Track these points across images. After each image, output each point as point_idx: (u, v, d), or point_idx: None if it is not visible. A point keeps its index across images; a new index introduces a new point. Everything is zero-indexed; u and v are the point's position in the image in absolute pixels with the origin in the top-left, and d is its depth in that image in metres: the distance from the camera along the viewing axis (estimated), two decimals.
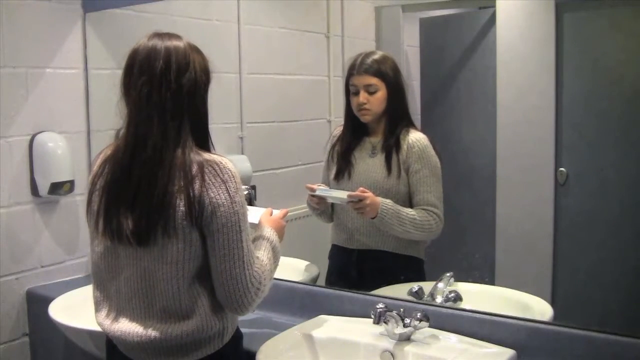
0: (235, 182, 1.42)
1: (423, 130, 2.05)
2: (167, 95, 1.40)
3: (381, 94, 1.99)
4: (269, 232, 1.58)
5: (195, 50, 1.47)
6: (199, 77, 1.44)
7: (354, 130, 2.07)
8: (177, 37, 1.47)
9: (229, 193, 1.40)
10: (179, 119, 1.42)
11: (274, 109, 2.65)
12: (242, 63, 2.56)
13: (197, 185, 1.38)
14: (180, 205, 1.38)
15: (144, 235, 1.40)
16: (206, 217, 1.39)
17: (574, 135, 1.86)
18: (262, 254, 1.50)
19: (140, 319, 1.46)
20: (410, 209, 1.98)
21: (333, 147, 2.14)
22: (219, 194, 1.39)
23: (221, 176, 1.40)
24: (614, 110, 1.82)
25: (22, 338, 2.46)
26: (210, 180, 1.39)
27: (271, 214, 1.67)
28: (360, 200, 1.92)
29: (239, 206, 1.41)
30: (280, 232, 1.63)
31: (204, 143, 1.47)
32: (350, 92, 2.04)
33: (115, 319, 1.49)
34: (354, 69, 2.02)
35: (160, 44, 1.43)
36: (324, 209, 2.12)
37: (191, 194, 1.38)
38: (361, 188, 1.94)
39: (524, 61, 1.91)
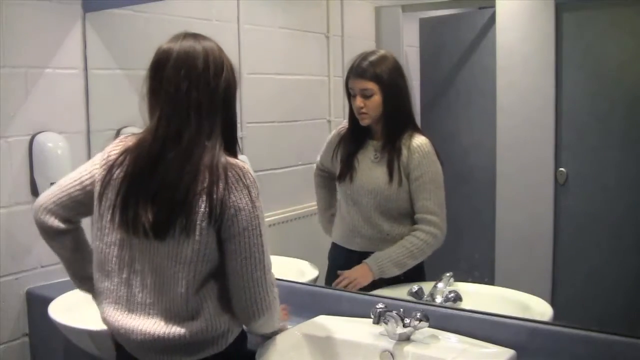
0: (256, 187, 1.44)
1: (423, 131, 2.05)
2: (205, 93, 1.42)
3: (377, 97, 1.97)
4: None
5: (223, 52, 1.49)
6: (231, 78, 1.47)
7: (357, 132, 2.06)
8: (208, 38, 1.48)
9: (251, 198, 1.42)
10: (213, 118, 1.43)
11: (274, 109, 2.65)
12: (242, 63, 2.56)
13: (220, 188, 1.39)
14: (202, 206, 1.39)
15: (163, 228, 1.40)
16: (227, 220, 1.40)
17: (574, 135, 1.86)
18: None
19: (145, 316, 1.46)
20: (401, 244, 1.97)
21: (339, 143, 2.13)
22: (241, 198, 1.40)
23: (244, 181, 1.42)
24: (614, 110, 1.82)
25: (22, 338, 2.46)
26: (233, 184, 1.40)
27: None
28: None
29: (259, 211, 1.44)
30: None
31: (232, 146, 1.49)
32: (350, 94, 2.03)
33: (120, 313, 1.48)
34: (351, 72, 2.01)
35: (197, 45, 1.44)
36: None
37: (214, 195, 1.39)
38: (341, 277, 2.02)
39: (524, 61, 1.91)
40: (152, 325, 1.44)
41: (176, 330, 1.43)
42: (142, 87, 1.47)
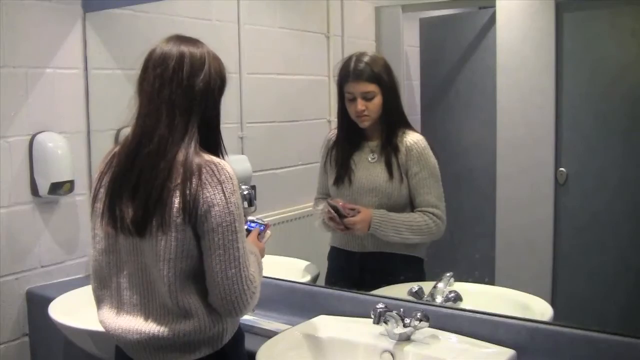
0: (232, 183, 1.42)
1: (423, 131, 2.05)
2: (177, 91, 1.42)
3: (378, 99, 1.97)
4: (253, 248, 1.58)
5: (214, 57, 1.49)
6: (212, 80, 1.46)
7: (351, 135, 2.06)
8: (196, 42, 1.49)
9: (225, 194, 1.40)
10: (187, 117, 1.43)
11: (274, 109, 2.65)
12: (242, 63, 2.56)
13: (193, 184, 1.39)
14: (175, 203, 1.39)
15: (142, 225, 1.41)
16: (200, 216, 1.39)
17: (574, 135, 1.86)
18: (251, 265, 1.50)
19: (140, 316, 1.46)
20: (406, 214, 1.98)
21: (330, 151, 2.12)
22: (214, 194, 1.39)
23: (218, 177, 1.41)
24: (614, 110, 1.82)
25: (22, 338, 2.46)
26: (207, 179, 1.40)
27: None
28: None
29: (234, 207, 1.41)
30: (261, 252, 1.65)
31: (215, 149, 1.49)
32: (345, 98, 2.01)
33: (117, 315, 1.50)
34: (349, 76, 1.99)
35: (175, 48, 1.45)
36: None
37: (187, 192, 1.39)
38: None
39: (524, 61, 1.91)
40: (147, 324, 1.45)
41: (170, 329, 1.43)
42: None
